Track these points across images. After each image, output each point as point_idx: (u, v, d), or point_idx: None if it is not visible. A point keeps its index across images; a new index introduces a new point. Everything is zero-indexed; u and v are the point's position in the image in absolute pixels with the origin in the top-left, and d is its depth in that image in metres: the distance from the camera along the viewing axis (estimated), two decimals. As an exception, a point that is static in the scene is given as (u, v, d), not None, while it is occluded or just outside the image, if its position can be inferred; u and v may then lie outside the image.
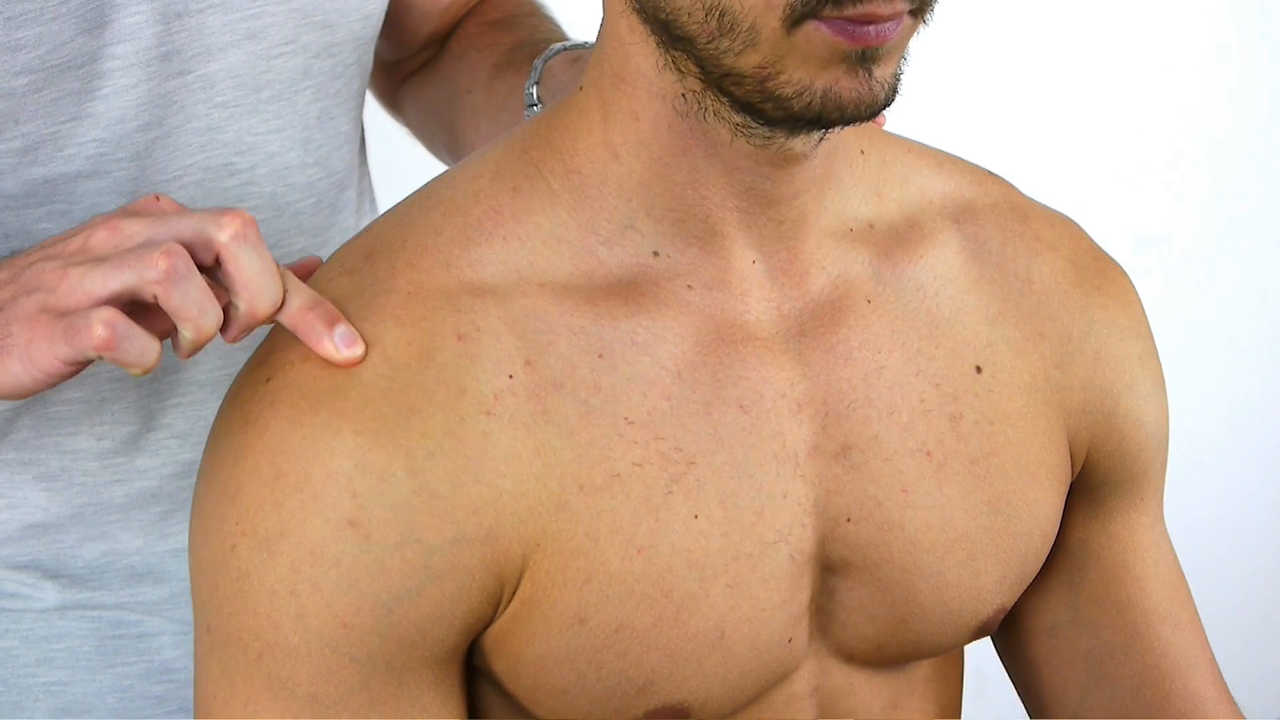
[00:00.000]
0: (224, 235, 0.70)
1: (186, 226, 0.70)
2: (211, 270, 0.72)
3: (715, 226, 0.76)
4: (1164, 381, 0.87)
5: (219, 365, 0.94)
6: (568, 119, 0.77)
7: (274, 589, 0.70)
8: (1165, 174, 1.97)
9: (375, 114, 1.14)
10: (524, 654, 0.74)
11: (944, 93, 1.67)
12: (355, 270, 0.76)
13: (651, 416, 0.74)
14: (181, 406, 0.94)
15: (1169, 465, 0.90)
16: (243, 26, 0.89)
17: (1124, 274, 0.87)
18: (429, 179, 0.80)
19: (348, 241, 0.79)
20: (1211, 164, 1.98)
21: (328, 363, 0.72)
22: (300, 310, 0.72)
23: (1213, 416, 2.01)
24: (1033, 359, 0.83)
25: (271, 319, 0.72)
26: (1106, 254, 0.87)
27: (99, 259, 0.70)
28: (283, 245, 0.94)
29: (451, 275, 0.74)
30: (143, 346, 0.70)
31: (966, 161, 0.87)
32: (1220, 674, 0.89)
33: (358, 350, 0.72)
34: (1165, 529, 0.90)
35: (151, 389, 0.93)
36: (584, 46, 0.97)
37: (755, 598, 0.76)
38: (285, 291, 0.72)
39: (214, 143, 0.89)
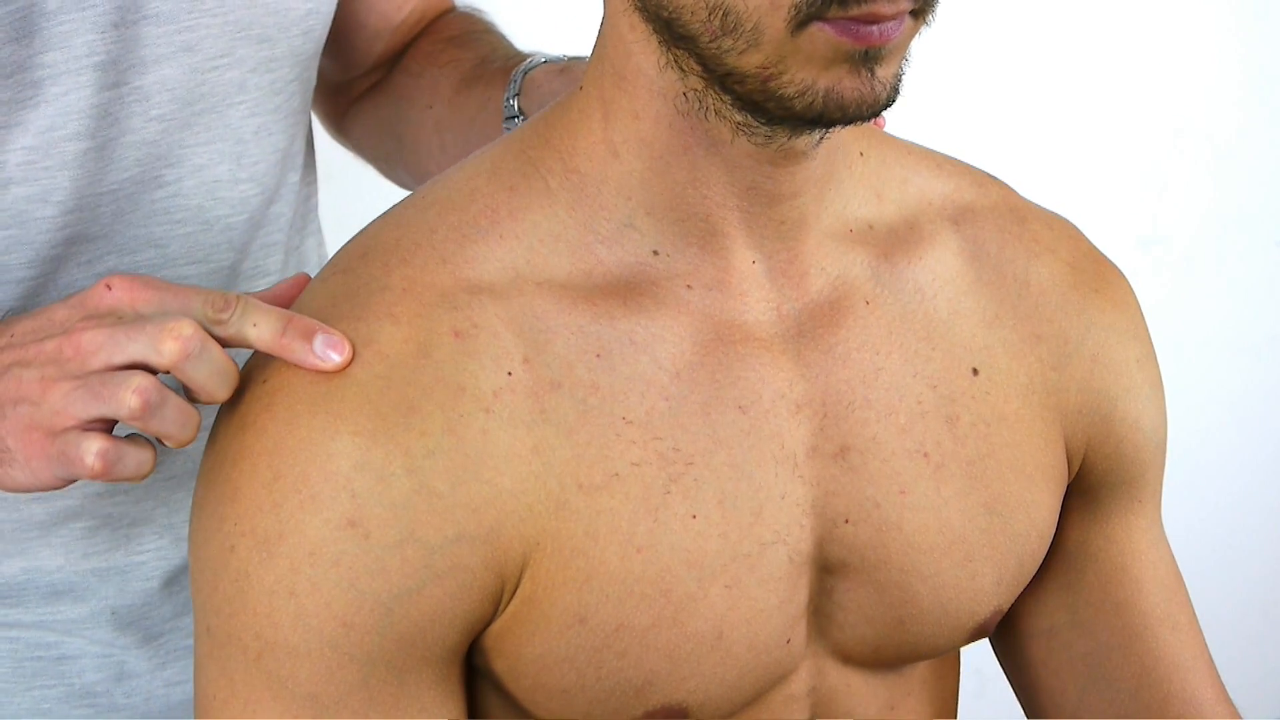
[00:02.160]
0: (165, 361, 0.72)
1: (136, 351, 0.72)
2: None
3: (715, 226, 0.76)
4: (1161, 384, 0.88)
5: None
6: (568, 118, 0.77)
7: (273, 589, 0.70)
8: (1165, 174, 1.97)
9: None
10: (524, 653, 0.74)
11: (944, 94, 1.67)
12: (349, 269, 0.76)
13: (650, 416, 0.74)
14: None
15: (1169, 465, 0.90)
16: (178, 39, 0.88)
17: (1122, 277, 0.87)
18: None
19: (344, 244, 0.79)
20: (1211, 164, 1.98)
21: None
22: (274, 337, 0.72)
23: (1212, 417, 2.01)
24: (1030, 361, 0.83)
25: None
26: (1104, 257, 0.87)
27: (74, 376, 0.72)
28: (211, 260, 0.94)
29: (447, 272, 0.74)
30: (137, 462, 0.73)
31: (965, 164, 0.87)
32: (1218, 675, 0.89)
33: (344, 353, 0.72)
34: (1163, 531, 0.90)
35: None
36: (561, 60, 0.96)
37: (753, 598, 0.76)
38: (254, 325, 0.73)
39: (148, 156, 0.89)
